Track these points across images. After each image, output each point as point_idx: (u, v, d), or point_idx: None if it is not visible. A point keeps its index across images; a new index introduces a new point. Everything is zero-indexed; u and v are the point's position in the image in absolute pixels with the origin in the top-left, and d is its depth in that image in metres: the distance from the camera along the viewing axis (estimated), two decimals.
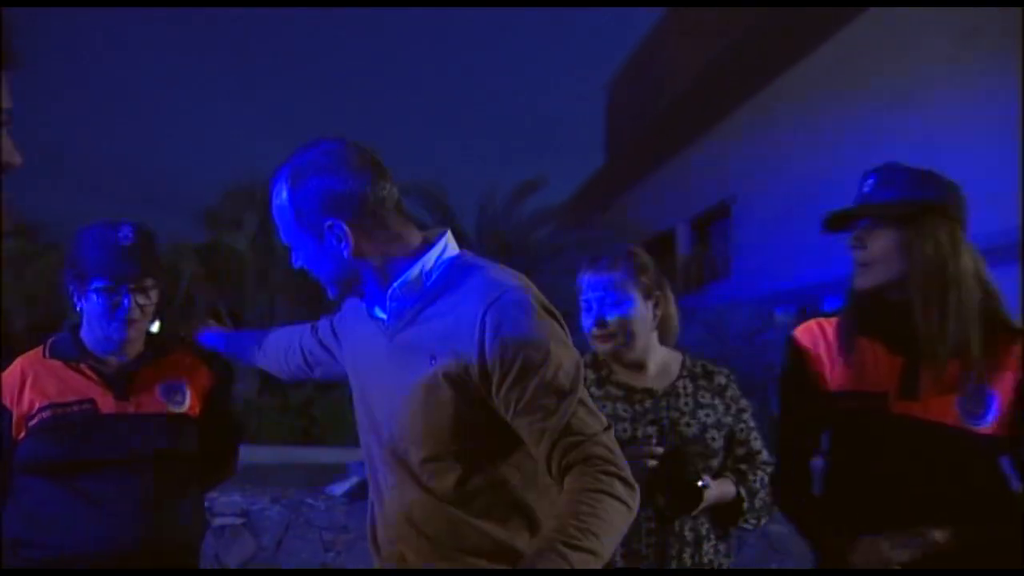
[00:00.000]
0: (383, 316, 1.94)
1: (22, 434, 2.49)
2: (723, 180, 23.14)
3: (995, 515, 1.97)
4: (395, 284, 1.88)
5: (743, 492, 2.52)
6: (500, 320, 1.76)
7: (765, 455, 2.64)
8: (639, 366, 2.57)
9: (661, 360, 2.62)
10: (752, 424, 2.66)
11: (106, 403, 2.55)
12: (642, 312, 2.54)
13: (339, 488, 7.02)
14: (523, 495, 1.87)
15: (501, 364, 1.75)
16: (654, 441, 2.45)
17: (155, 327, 2.75)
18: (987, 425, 1.97)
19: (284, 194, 1.88)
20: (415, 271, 1.88)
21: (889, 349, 2.09)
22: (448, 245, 1.94)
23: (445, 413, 1.83)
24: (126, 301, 2.57)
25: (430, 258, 1.90)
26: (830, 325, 2.24)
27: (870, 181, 2.11)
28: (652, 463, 2.38)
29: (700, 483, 2.39)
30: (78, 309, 2.63)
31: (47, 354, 2.64)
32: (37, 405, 2.51)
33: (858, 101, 16.80)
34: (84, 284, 2.58)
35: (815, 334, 2.25)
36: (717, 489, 2.47)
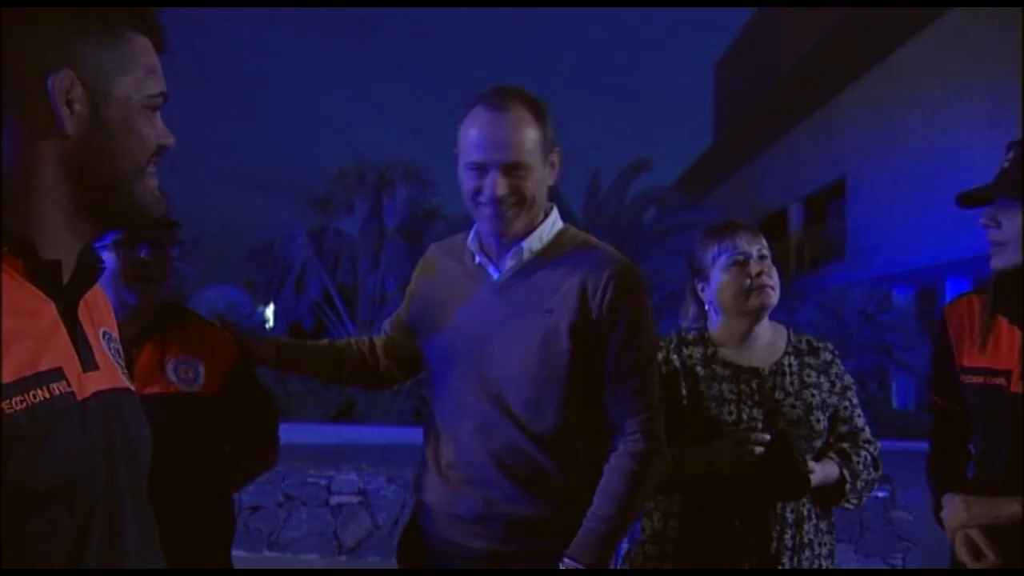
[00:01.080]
0: (492, 271, 2.16)
1: None
2: (836, 158, 22.64)
3: None
4: (523, 244, 2.12)
5: (846, 473, 2.47)
6: (622, 286, 2.06)
7: (868, 433, 2.58)
8: (749, 342, 2.55)
9: (768, 335, 2.60)
10: (856, 401, 2.60)
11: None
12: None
13: None
14: (593, 443, 2.12)
15: (615, 323, 2.06)
16: (759, 426, 2.42)
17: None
18: None
19: (534, 122, 2.07)
20: (538, 236, 2.14)
21: (1021, 327, 2.05)
22: (558, 218, 2.23)
23: (555, 359, 2.06)
24: (149, 255, 2.18)
25: (547, 226, 2.17)
26: (979, 301, 2.20)
27: (1009, 155, 2.03)
28: (759, 450, 2.38)
29: (806, 470, 2.37)
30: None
31: None
32: None
33: (979, 74, 16.20)
34: None
35: (962, 310, 2.23)
36: (821, 472, 2.42)
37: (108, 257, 2.10)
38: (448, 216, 19.62)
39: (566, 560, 1.98)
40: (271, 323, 20.96)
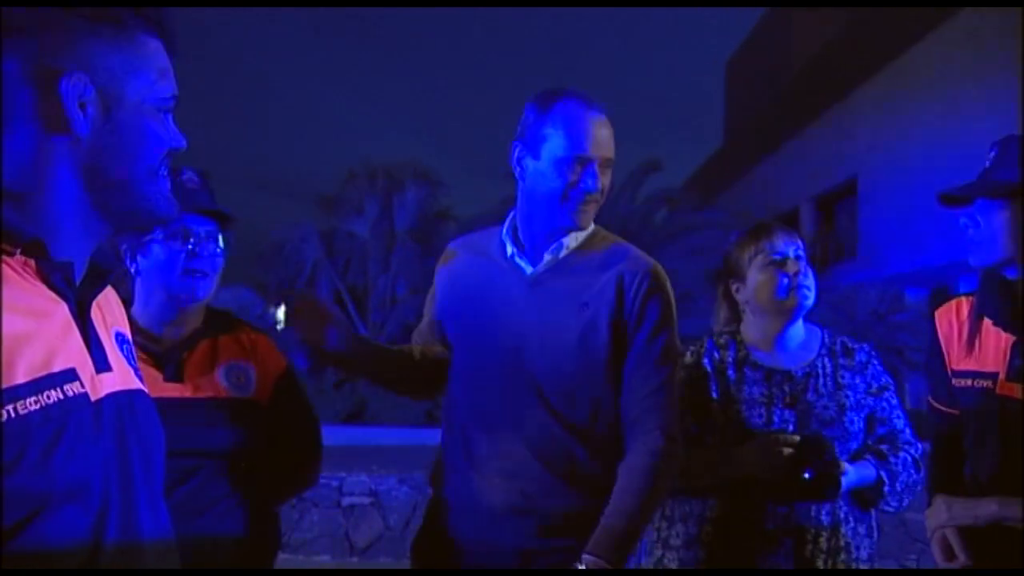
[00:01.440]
0: (527, 266, 2.19)
1: None
2: (848, 158, 22.58)
3: None
4: (564, 239, 2.17)
5: (883, 475, 2.42)
6: (655, 283, 2.14)
7: (908, 434, 2.53)
8: (783, 343, 2.55)
9: (801, 336, 2.58)
10: (895, 402, 2.55)
11: (155, 385, 1.89)
12: None
13: None
14: (617, 433, 2.14)
15: (646, 318, 2.12)
16: (791, 427, 2.40)
17: None
18: None
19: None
20: (575, 233, 2.19)
21: (1004, 329, 2.05)
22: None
23: (593, 352, 2.11)
24: (201, 249, 2.08)
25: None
26: (967, 304, 2.21)
27: (991, 155, 2.06)
28: (789, 451, 2.36)
29: (837, 472, 2.35)
30: (132, 272, 2.08)
31: None
32: None
33: (993, 74, 16.15)
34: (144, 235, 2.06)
35: (951, 313, 2.23)
36: (856, 473, 2.38)
37: (158, 251, 2.04)
38: (458, 217, 19.67)
39: (586, 556, 1.96)
40: (282, 324, 21.02)
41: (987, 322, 2.08)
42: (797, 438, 2.34)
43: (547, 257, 2.19)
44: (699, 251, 17.41)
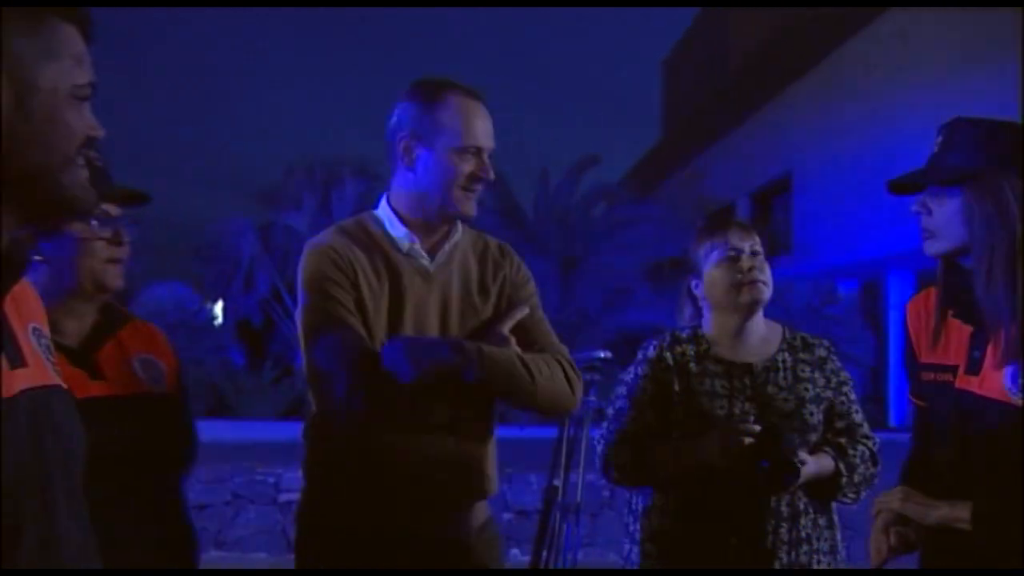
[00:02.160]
0: (425, 258, 2.21)
1: None
2: (783, 153, 22.87)
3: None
4: (457, 230, 2.25)
5: (842, 467, 2.46)
6: (520, 263, 2.36)
7: (867, 428, 2.59)
8: (743, 338, 2.58)
9: (762, 331, 2.60)
10: (853, 397, 2.60)
11: (82, 385, 1.82)
12: None
13: None
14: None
15: (521, 283, 2.31)
16: (751, 419, 2.43)
17: None
18: None
19: None
20: (460, 227, 2.27)
21: (964, 320, 2.01)
22: None
23: (479, 329, 2.21)
24: (114, 232, 1.96)
25: None
26: (935, 296, 2.13)
27: (938, 139, 2.01)
28: (748, 440, 2.37)
29: (796, 461, 2.37)
30: (38, 260, 1.88)
31: None
32: None
33: (922, 71, 16.47)
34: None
35: (920, 305, 2.18)
36: (815, 465, 2.41)
37: (65, 241, 1.88)
38: None
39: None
40: (219, 320, 20.77)
41: (949, 312, 2.04)
42: (756, 428, 2.37)
43: (447, 247, 2.23)
44: (637, 245, 17.51)
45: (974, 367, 1.95)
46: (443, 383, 2.04)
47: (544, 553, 3.29)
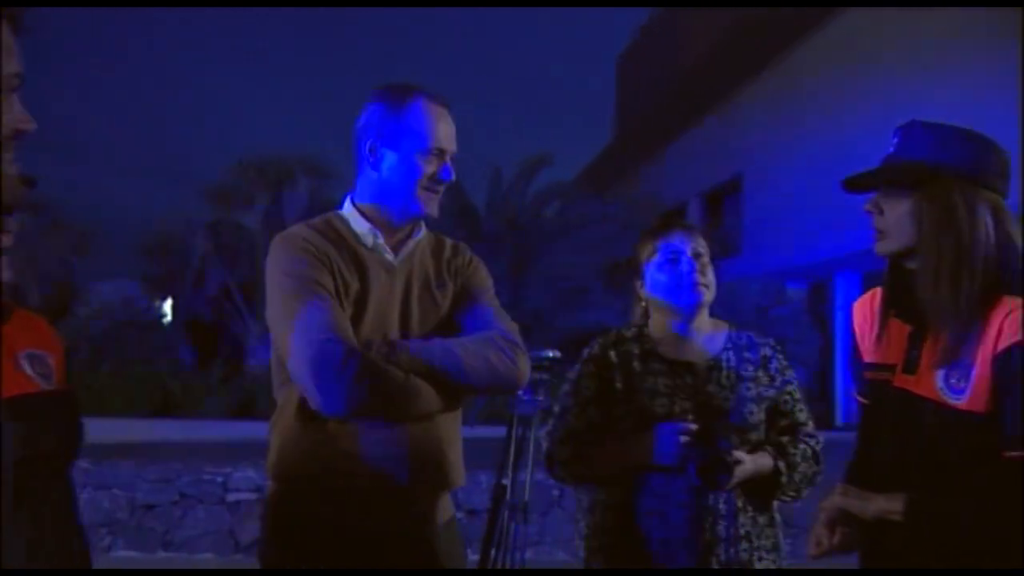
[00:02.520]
0: (390, 255, 2.27)
1: None
2: (735, 154, 23.06)
3: (959, 491, 1.89)
4: (419, 233, 2.33)
5: (782, 465, 2.50)
6: (477, 260, 2.44)
7: (810, 427, 2.62)
8: (686, 338, 2.60)
9: (707, 331, 2.63)
10: (798, 396, 2.63)
11: None
12: None
13: None
14: None
15: (472, 273, 2.39)
16: (690, 417, 2.47)
17: None
18: (963, 400, 1.88)
19: None
20: (423, 227, 2.35)
21: (904, 320, 2.05)
22: None
23: (443, 323, 2.29)
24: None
25: None
26: (880, 296, 2.18)
27: (894, 140, 2.05)
28: (685, 439, 2.41)
29: (730, 459, 2.39)
30: None
31: None
32: None
33: (874, 74, 16.67)
34: None
35: (866, 305, 2.22)
36: (753, 464, 2.45)
37: None
38: None
39: None
40: (169, 318, 20.52)
41: (892, 311, 2.09)
42: (693, 427, 2.40)
43: (410, 244, 2.32)
44: (591, 245, 17.52)
45: (911, 366, 1.99)
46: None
47: (493, 552, 3.29)
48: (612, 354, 2.57)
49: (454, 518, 2.37)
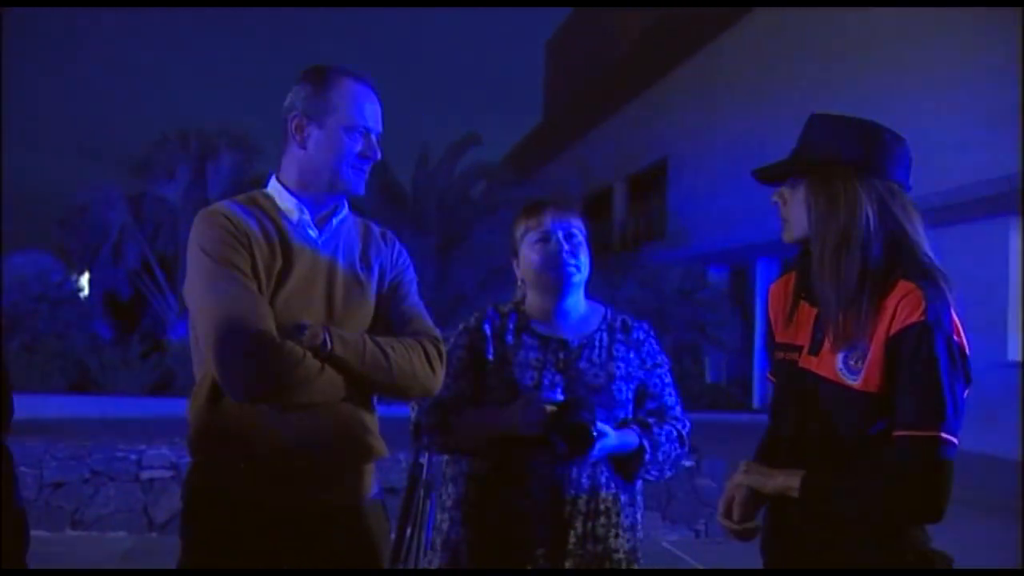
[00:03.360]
0: (314, 232, 2.28)
1: None
2: (660, 140, 23.29)
3: (852, 469, 1.95)
4: (343, 210, 2.34)
5: (645, 443, 2.51)
6: (402, 249, 2.45)
7: (678, 411, 2.67)
8: (559, 316, 2.63)
9: (582, 311, 2.67)
10: (668, 380, 2.69)
11: None
12: None
13: None
14: None
15: (402, 268, 2.40)
16: (559, 391, 2.49)
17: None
18: (859, 381, 1.95)
19: None
20: (346, 205, 2.37)
21: (811, 304, 2.11)
22: None
23: (368, 304, 2.31)
24: None
25: None
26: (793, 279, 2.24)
27: (801, 132, 2.11)
28: (550, 408, 2.42)
29: (592, 431, 2.40)
30: None
31: None
32: None
33: (791, 64, 16.95)
34: None
35: (780, 288, 2.28)
36: (617, 439, 2.48)
37: None
38: None
39: None
40: (85, 292, 20.06)
41: (803, 295, 2.14)
42: (559, 398, 2.43)
43: (333, 221, 2.32)
44: None
45: (815, 348, 2.05)
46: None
47: (408, 530, 3.30)
48: (487, 327, 2.59)
49: (380, 493, 2.38)
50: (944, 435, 1.83)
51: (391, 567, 3.32)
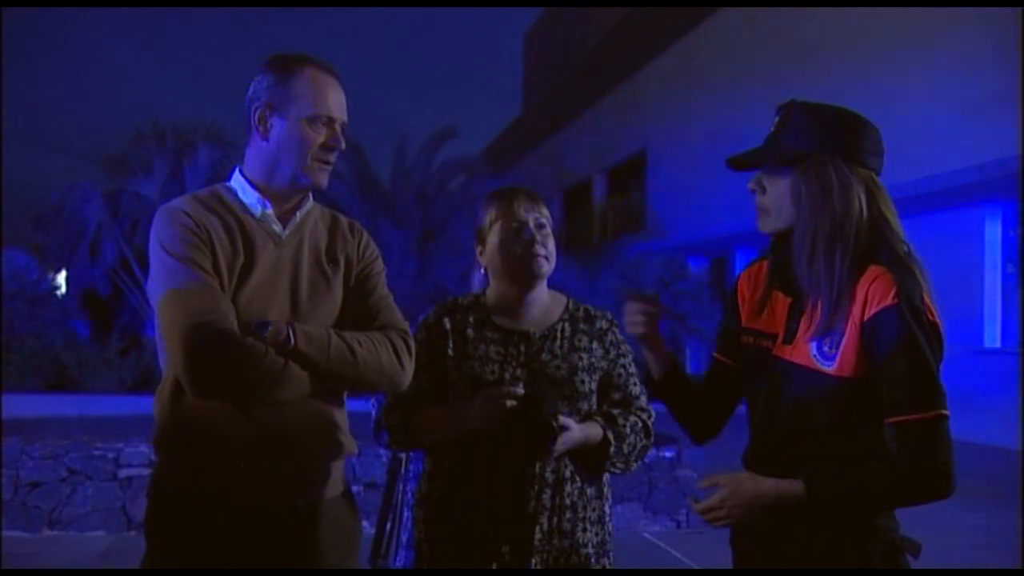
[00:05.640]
0: (277, 227, 2.24)
1: None
2: (639, 131, 23.31)
3: (858, 465, 1.93)
4: (308, 204, 2.31)
5: (610, 436, 2.48)
6: (369, 239, 2.41)
7: (644, 401, 2.64)
8: (523, 308, 2.59)
9: (544, 302, 2.63)
10: (632, 370, 2.65)
11: None
12: None
13: None
14: None
15: (370, 260, 2.36)
16: (520, 384, 2.45)
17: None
18: (834, 366, 1.95)
19: None
20: (310, 198, 2.33)
21: (785, 293, 2.11)
22: None
23: (334, 298, 2.27)
24: None
25: None
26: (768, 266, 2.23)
27: (775, 120, 2.10)
28: (511, 403, 2.39)
29: (556, 425, 2.38)
30: None
31: None
32: None
33: (765, 57, 16.99)
34: None
35: (753, 273, 2.27)
36: (580, 432, 2.45)
37: None
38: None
39: None
40: (63, 290, 19.90)
41: (776, 284, 2.14)
42: (520, 392, 2.40)
43: (298, 215, 2.29)
44: None
45: (790, 337, 2.05)
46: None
47: (388, 525, 3.30)
48: (446, 321, 2.55)
49: (348, 489, 2.35)
50: (945, 412, 1.85)
51: (372, 562, 3.32)
